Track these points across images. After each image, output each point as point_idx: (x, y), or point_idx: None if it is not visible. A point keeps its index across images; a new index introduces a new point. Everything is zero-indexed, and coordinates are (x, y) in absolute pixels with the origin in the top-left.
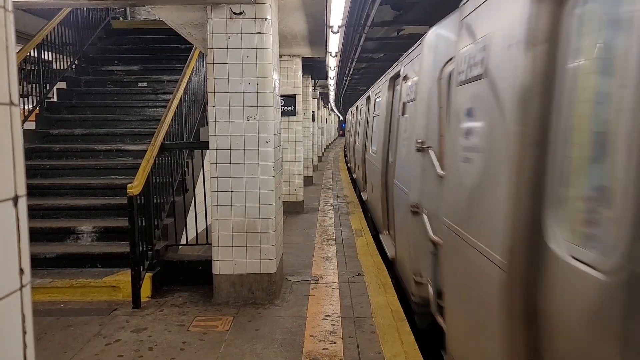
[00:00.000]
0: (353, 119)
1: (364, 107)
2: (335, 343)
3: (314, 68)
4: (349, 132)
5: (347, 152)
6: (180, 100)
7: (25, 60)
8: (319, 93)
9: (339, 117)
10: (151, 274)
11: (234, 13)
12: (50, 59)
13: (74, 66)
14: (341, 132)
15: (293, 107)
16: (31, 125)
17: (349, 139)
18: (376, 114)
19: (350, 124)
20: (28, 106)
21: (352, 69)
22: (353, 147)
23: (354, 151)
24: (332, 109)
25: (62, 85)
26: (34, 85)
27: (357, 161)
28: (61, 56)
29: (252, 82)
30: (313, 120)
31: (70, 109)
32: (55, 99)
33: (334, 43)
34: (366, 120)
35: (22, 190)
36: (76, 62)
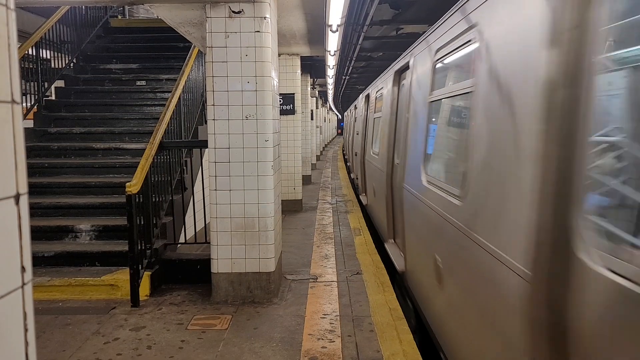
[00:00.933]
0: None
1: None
2: (333, 342)
3: (313, 67)
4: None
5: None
6: (179, 98)
7: (23, 59)
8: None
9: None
10: (150, 273)
11: (233, 11)
12: (48, 57)
13: (72, 64)
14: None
15: (292, 106)
16: (29, 123)
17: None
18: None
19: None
20: (26, 104)
21: (351, 68)
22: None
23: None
24: (331, 108)
25: (60, 83)
26: (32, 83)
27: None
28: (59, 54)
29: (251, 81)
30: (312, 119)
31: (68, 107)
32: (53, 98)
33: (333, 42)
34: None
35: (24, 188)
36: (74, 61)
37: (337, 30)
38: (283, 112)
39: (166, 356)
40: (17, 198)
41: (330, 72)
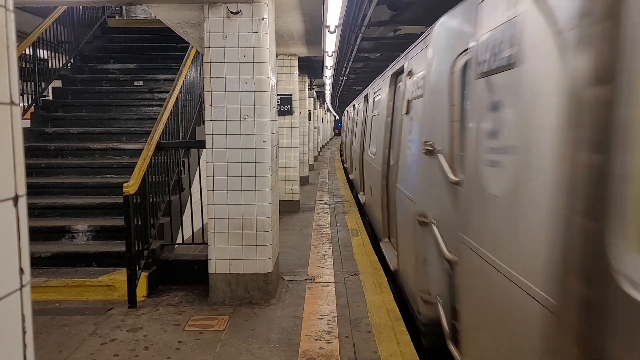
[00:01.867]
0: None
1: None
2: (331, 342)
3: (311, 67)
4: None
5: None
6: (177, 99)
7: (20, 59)
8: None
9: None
10: (147, 273)
11: (231, 12)
12: (45, 57)
13: (69, 64)
14: (337, 132)
15: (289, 107)
16: (26, 123)
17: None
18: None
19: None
20: (23, 104)
21: (349, 69)
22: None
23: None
24: (328, 109)
25: (58, 83)
26: (29, 83)
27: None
28: (57, 54)
29: (249, 81)
30: (309, 119)
31: (65, 107)
32: (50, 98)
33: (331, 43)
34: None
35: (22, 190)
36: (72, 61)
37: (335, 31)
38: (281, 113)
39: (163, 357)
40: (16, 200)
41: (328, 73)
